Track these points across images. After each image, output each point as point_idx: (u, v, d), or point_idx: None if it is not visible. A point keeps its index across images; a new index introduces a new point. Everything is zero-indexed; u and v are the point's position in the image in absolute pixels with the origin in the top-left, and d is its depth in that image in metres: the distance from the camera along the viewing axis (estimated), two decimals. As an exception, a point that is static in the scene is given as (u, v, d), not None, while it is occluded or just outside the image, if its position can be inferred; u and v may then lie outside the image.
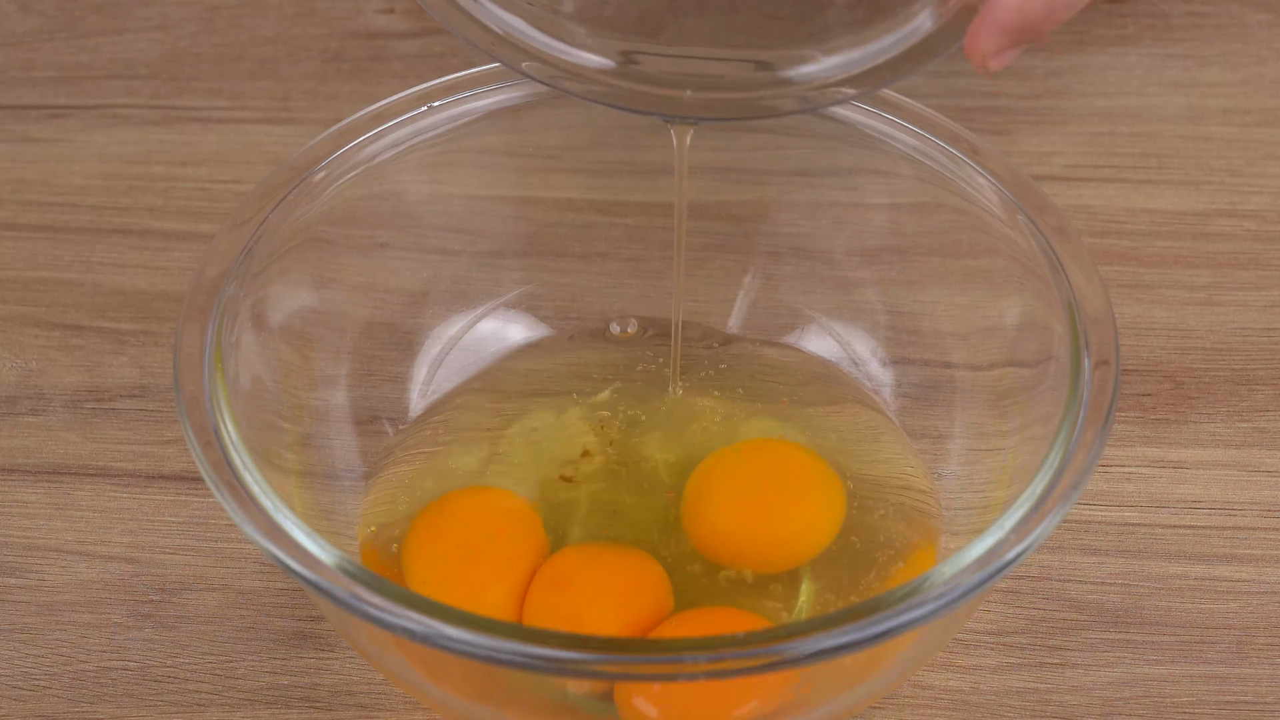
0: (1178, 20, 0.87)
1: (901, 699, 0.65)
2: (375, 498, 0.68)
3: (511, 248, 0.73)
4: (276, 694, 0.65)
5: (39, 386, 0.74)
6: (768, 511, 0.66)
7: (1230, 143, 0.82)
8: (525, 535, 0.65)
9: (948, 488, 0.67)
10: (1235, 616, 0.67)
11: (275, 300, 0.67)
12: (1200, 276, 0.77)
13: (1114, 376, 0.61)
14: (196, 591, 0.68)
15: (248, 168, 0.82)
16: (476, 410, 0.70)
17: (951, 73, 0.85)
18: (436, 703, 0.61)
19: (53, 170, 0.82)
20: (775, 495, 0.66)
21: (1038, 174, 0.81)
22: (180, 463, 0.71)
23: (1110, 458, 0.71)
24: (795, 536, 0.65)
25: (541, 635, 0.55)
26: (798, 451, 0.68)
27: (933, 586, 0.56)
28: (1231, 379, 0.74)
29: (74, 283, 0.78)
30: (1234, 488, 0.70)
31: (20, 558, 0.69)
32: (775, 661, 0.54)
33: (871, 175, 0.70)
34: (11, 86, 0.86)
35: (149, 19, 0.89)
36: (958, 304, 0.70)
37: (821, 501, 0.66)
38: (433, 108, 0.68)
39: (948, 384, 0.69)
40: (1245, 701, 0.65)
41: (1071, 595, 0.68)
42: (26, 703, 0.65)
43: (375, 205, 0.70)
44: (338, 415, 0.69)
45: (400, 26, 0.88)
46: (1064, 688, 0.65)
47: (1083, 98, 0.84)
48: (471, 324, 0.72)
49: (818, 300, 0.72)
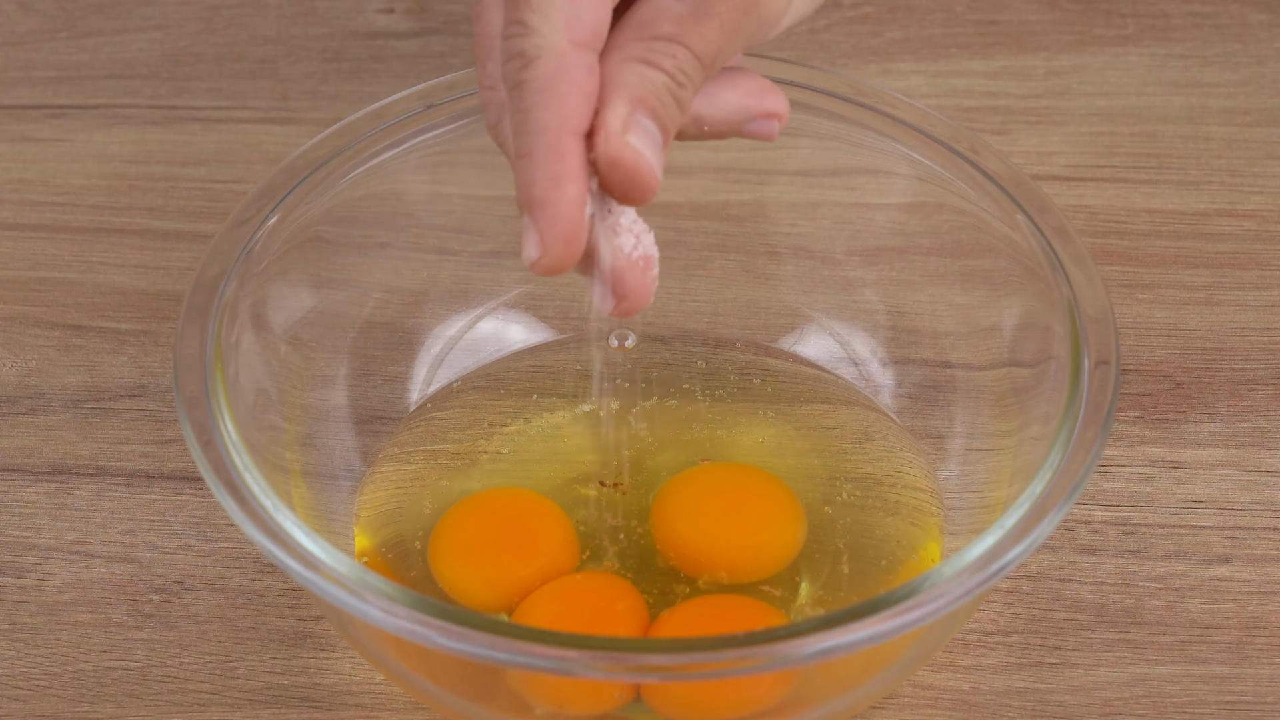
0: (1178, 20, 0.87)
1: (901, 699, 0.65)
2: (375, 497, 0.68)
3: (511, 248, 0.73)
4: (276, 694, 0.65)
5: (39, 386, 0.74)
6: (730, 525, 0.66)
7: (1230, 143, 0.82)
8: (562, 537, 0.66)
9: (948, 488, 0.67)
10: (1235, 616, 0.67)
11: (275, 300, 0.67)
12: (1200, 276, 0.77)
13: (1114, 376, 0.61)
14: (196, 591, 0.68)
15: (248, 168, 0.82)
16: (476, 410, 0.70)
17: (951, 73, 0.85)
18: (436, 702, 0.61)
19: (53, 170, 0.82)
20: (735, 510, 0.66)
21: (1038, 174, 0.81)
22: (180, 463, 0.71)
23: (1110, 458, 0.71)
24: (758, 548, 0.65)
25: (541, 635, 0.55)
26: (752, 472, 0.68)
27: (933, 586, 0.56)
28: (1231, 379, 0.74)
29: (74, 283, 0.78)
30: (1234, 488, 0.70)
31: (20, 558, 0.69)
32: (775, 661, 0.54)
33: (871, 175, 0.70)
34: (11, 86, 0.86)
35: (149, 19, 0.88)
36: (958, 304, 0.70)
37: (780, 519, 0.66)
38: (433, 107, 0.68)
39: (948, 384, 0.69)
40: (1245, 701, 0.65)
41: (1071, 595, 0.68)
42: (26, 703, 0.65)
43: (375, 205, 0.70)
44: (337, 415, 0.69)
45: (400, 26, 0.88)
46: (1064, 688, 0.65)
47: (1083, 98, 0.84)
48: (471, 324, 0.72)
49: (818, 300, 0.72)
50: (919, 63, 0.86)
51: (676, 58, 0.55)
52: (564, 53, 0.54)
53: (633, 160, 0.54)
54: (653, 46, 0.55)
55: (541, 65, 0.54)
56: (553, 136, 0.53)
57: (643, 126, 0.55)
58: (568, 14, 0.54)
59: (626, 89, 0.55)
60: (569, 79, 0.54)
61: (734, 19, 0.56)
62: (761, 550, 0.65)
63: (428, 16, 0.88)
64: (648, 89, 0.55)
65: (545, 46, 0.54)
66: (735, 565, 0.65)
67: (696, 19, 0.55)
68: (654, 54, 0.55)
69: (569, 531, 0.66)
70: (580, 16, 0.54)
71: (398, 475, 0.68)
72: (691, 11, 0.55)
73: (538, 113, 0.54)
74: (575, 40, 0.54)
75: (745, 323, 0.72)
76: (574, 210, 0.54)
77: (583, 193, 0.54)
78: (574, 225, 0.54)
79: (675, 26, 0.55)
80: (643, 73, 0.55)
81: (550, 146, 0.54)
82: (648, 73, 0.55)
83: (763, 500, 0.66)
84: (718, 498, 0.66)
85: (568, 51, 0.54)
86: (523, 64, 0.54)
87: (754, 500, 0.67)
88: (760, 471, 0.67)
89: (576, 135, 0.54)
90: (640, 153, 0.54)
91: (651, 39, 0.55)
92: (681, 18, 0.55)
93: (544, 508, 0.66)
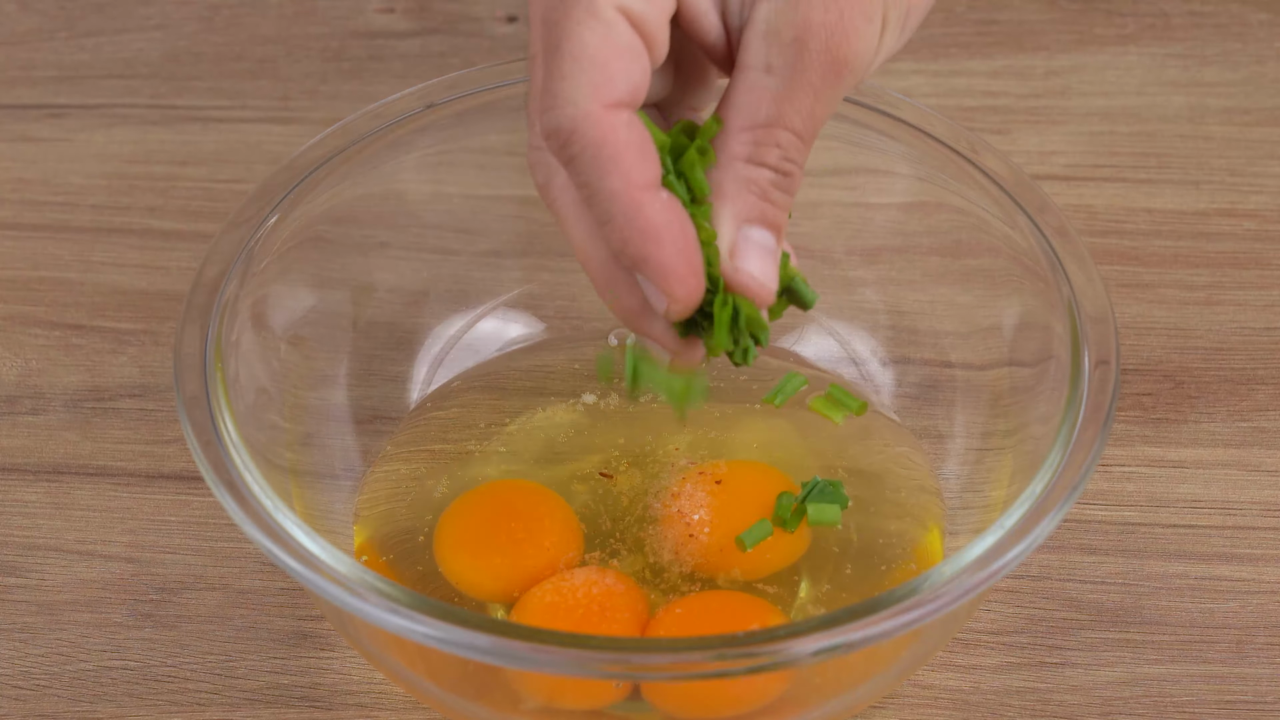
0: (1178, 20, 0.87)
1: (901, 699, 0.65)
2: (375, 497, 0.68)
3: (511, 247, 0.73)
4: (276, 694, 0.65)
5: (39, 386, 0.74)
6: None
7: (1230, 143, 0.82)
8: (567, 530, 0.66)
9: (948, 487, 0.67)
10: (1235, 616, 0.67)
11: (275, 300, 0.67)
12: (1200, 276, 0.77)
13: (1114, 376, 0.61)
14: (196, 591, 0.68)
15: (248, 168, 0.82)
16: (476, 409, 0.70)
17: (951, 73, 0.85)
18: (436, 702, 0.61)
19: (53, 170, 0.82)
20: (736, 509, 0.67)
21: (1038, 174, 0.81)
22: (180, 463, 0.71)
23: (1110, 457, 0.71)
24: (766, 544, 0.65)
25: (542, 635, 0.55)
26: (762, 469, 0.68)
27: (933, 586, 0.56)
28: (1231, 379, 0.74)
29: (74, 282, 0.78)
30: (1234, 487, 0.70)
31: (20, 557, 0.69)
32: (775, 661, 0.54)
33: (871, 175, 0.70)
34: (11, 86, 0.86)
35: (149, 18, 0.89)
36: (958, 304, 0.70)
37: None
38: (433, 107, 0.68)
39: (948, 384, 0.69)
40: (1245, 701, 0.65)
41: (1071, 595, 0.68)
42: (27, 702, 0.65)
43: (375, 205, 0.70)
44: (337, 415, 0.69)
45: (400, 26, 0.88)
46: (1064, 687, 0.65)
47: (1083, 97, 0.84)
48: (471, 323, 0.72)
49: (818, 300, 0.72)
50: (919, 63, 0.86)
51: (780, 145, 0.55)
52: (599, 119, 0.53)
53: (744, 283, 0.56)
54: (755, 137, 0.55)
55: (581, 137, 0.53)
56: (625, 200, 0.54)
57: (751, 242, 0.56)
58: (596, 79, 0.53)
59: (731, 202, 0.55)
60: (613, 142, 0.53)
61: (827, 82, 0.55)
62: (768, 546, 0.65)
63: (428, 16, 0.88)
64: (754, 195, 0.55)
65: (579, 116, 0.53)
66: (743, 561, 0.65)
67: (791, 94, 0.55)
68: (757, 149, 0.55)
69: (573, 524, 0.66)
70: (612, 79, 0.53)
71: (398, 475, 0.68)
72: (784, 86, 0.55)
73: (600, 182, 0.54)
74: (608, 102, 0.53)
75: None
76: (676, 256, 0.54)
77: (679, 234, 0.54)
78: (683, 266, 0.54)
79: (772, 107, 0.55)
80: (748, 175, 0.55)
81: (627, 210, 0.54)
82: (753, 173, 0.55)
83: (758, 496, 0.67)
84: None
85: (602, 117, 0.53)
86: (563, 140, 0.54)
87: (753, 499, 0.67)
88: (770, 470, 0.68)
89: (646, 189, 0.54)
90: (750, 274, 0.55)
91: (751, 128, 0.55)
92: (778, 96, 0.55)
93: (548, 500, 0.66)
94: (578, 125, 0.53)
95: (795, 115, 0.55)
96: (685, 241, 0.54)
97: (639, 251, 0.54)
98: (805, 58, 0.55)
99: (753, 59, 0.55)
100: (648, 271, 0.54)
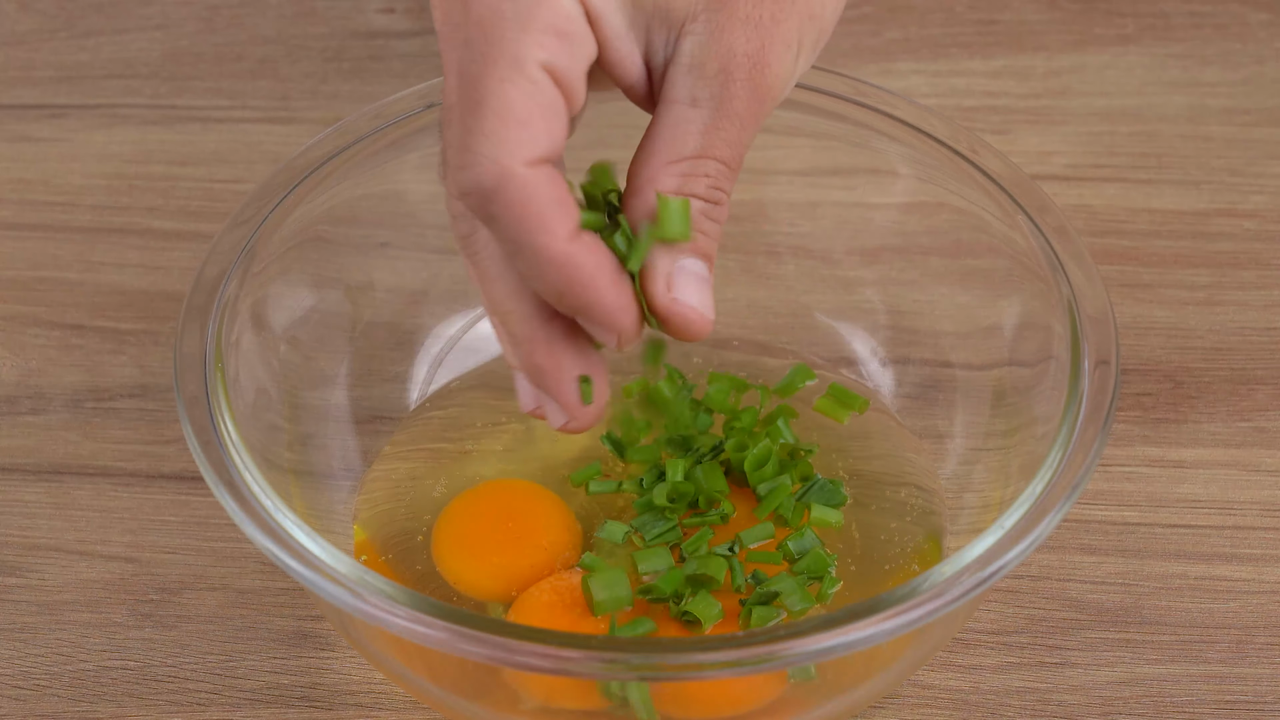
0: (1178, 20, 0.87)
1: (901, 699, 0.65)
2: (375, 497, 0.68)
3: (511, 247, 0.73)
4: (276, 694, 0.65)
5: (39, 386, 0.74)
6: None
7: (1230, 143, 0.82)
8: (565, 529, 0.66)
9: (948, 487, 0.67)
10: (1235, 616, 0.67)
11: (275, 300, 0.67)
12: (1200, 276, 0.77)
13: (1114, 376, 0.61)
14: (196, 591, 0.68)
15: (248, 168, 0.82)
16: (476, 409, 0.70)
17: (951, 73, 0.85)
18: (436, 702, 0.61)
19: (53, 170, 0.82)
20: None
21: (1038, 174, 0.81)
22: (180, 463, 0.71)
23: (1110, 458, 0.71)
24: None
25: (541, 635, 0.55)
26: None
27: (933, 586, 0.56)
28: (1231, 379, 0.74)
29: (74, 282, 0.78)
30: (1234, 487, 0.70)
31: (20, 557, 0.69)
32: (775, 661, 0.54)
33: (871, 175, 0.70)
34: (11, 86, 0.86)
35: (149, 18, 0.89)
36: (958, 304, 0.70)
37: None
38: (433, 107, 0.68)
39: (948, 384, 0.69)
40: (1245, 701, 0.65)
41: (1071, 595, 0.68)
42: (27, 702, 0.65)
43: (375, 205, 0.70)
44: (337, 415, 0.69)
45: (400, 26, 0.88)
46: (1064, 687, 0.65)
47: (1083, 98, 0.84)
48: (471, 323, 0.72)
49: (818, 300, 0.72)
50: (919, 63, 0.86)
51: (709, 175, 0.56)
52: (524, 179, 0.53)
53: (682, 313, 0.56)
54: (682, 169, 0.55)
55: (504, 195, 0.53)
56: (554, 254, 0.54)
57: (687, 272, 0.56)
58: (521, 137, 0.53)
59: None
60: (538, 199, 0.53)
61: (751, 110, 0.56)
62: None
63: (428, 16, 0.88)
64: None
65: (502, 175, 0.53)
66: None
67: (717, 125, 0.55)
68: (686, 181, 0.55)
69: (571, 524, 0.66)
70: (536, 138, 0.53)
71: (397, 474, 0.68)
72: (711, 118, 0.55)
73: (527, 239, 0.53)
74: (531, 160, 0.53)
75: (744, 322, 0.72)
76: (616, 297, 0.55)
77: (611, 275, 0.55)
78: (622, 302, 0.55)
79: (699, 139, 0.55)
80: None
81: (558, 263, 0.54)
82: None
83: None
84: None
85: (527, 176, 0.53)
86: (483, 198, 0.53)
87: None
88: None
89: (571, 239, 0.54)
90: (687, 305, 0.56)
91: (679, 161, 0.55)
92: (705, 128, 0.55)
93: (546, 500, 0.66)
94: (500, 184, 0.53)
95: (722, 145, 0.55)
96: (616, 279, 0.55)
97: (579, 301, 0.54)
98: (731, 88, 0.55)
99: (677, 93, 0.55)
100: (592, 316, 0.55)
